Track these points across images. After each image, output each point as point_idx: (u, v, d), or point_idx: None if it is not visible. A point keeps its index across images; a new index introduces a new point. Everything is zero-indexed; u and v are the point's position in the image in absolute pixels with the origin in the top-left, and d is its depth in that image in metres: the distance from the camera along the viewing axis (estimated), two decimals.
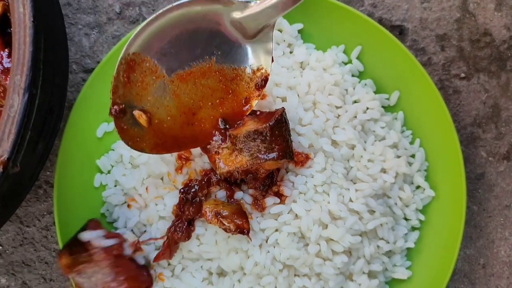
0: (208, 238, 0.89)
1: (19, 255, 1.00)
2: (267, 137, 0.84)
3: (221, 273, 0.92)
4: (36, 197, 1.00)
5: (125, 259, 0.88)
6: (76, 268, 0.85)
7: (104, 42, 1.03)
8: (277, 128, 0.84)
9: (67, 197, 0.94)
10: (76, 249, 0.87)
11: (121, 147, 0.96)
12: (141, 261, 0.90)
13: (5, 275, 1.00)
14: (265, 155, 0.84)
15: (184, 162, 0.91)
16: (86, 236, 0.87)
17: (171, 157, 0.92)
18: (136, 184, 0.93)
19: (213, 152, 0.86)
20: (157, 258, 0.89)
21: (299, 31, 0.99)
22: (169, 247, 0.88)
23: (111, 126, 0.97)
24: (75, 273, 0.86)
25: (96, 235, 0.87)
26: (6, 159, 0.64)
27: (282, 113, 0.86)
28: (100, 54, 1.02)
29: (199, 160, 0.91)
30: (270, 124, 0.83)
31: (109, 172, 0.97)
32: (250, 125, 0.85)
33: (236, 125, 0.86)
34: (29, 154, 0.71)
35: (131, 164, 0.95)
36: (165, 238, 0.89)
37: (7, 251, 1.00)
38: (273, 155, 0.84)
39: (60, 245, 0.92)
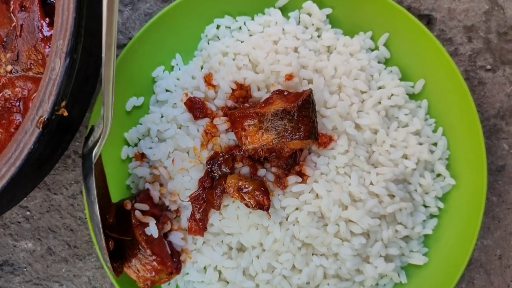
0: (230, 212, 0.91)
1: (45, 221, 1.03)
2: (294, 117, 0.85)
3: (241, 249, 0.94)
4: (64, 166, 1.04)
5: (161, 239, 0.90)
6: (113, 233, 0.88)
7: (137, 19, 1.05)
8: (304, 109, 0.86)
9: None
10: (119, 213, 0.89)
11: (148, 121, 0.98)
12: (179, 242, 0.92)
13: (31, 240, 1.03)
14: (291, 134, 0.85)
15: (210, 137, 0.93)
16: (136, 205, 0.89)
17: (197, 132, 0.94)
18: (162, 157, 0.95)
19: (240, 129, 0.88)
20: (191, 231, 0.91)
21: (328, 16, 1.00)
22: (201, 219, 0.90)
23: (140, 100, 1.00)
24: (112, 235, 0.88)
25: (141, 208, 0.89)
26: (46, 119, 0.66)
27: (309, 94, 0.87)
28: (132, 30, 1.05)
29: (224, 136, 0.93)
30: (298, 104, 0.85)
31: (136, 145, 1.00)
32: (278, 104, 0.86)
33: (264, 104, 0.88)
34: (63, 119, 0.73)
35: (158, 138, 0.98)
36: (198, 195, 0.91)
37: (34, 217, 1.03)
38: (299, 134, 0.85)
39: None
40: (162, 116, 0.99)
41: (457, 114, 0.97)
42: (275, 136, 0.86)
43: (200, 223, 0.90)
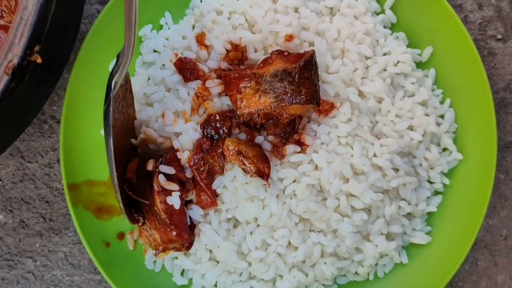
0: (226, 183, 0.83)
1: (18, 192, 0.94)
2: (295, 79, 0.78)
3: (234, 225, 0.87)
4: (40, 131, 0.95)
5: (182, 210, 0.82)
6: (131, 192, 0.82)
7: None
8: (307, 70, 0.79)
9: (74, 133, 0.89)
10: (141, 169, 0.82)
11: (134, 84, 0.90)
12: (197, 218, 0.85)
13: (2, 211, 0.94)
14: (291, 98, 0.78)
15: (201, 101, 0.86)
16: (160, 168, 0.81)
17: (187, 96, 0.87)
18: (151, 121, 0.87)
19: (235, 91, 0.81)
20: (204, 205, 0.84)
21: None
22: (208, 187, 0.83)
23: None
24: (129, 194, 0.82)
25: (166, 171, 0.81)
26: (16, 64, 0.58)
27: (312, 55, 0.80)
28: None
29: (217, 100, 0.86)
30: (300, 64, 0.78)
31: None
32: (278, 64, 0.79)
33: (262, 64, 0.81)
34: (36, 66, 0.64)
35: (146, 103, 0.89)
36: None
37: (6, 186, 0.94)
38: (300, 98, 0.78)
39: (64, 183, 0.86)
40: (149, 79, 0.91)
41: (466, 85, 0.91)
42: (274, 100, 0.79)
43: (210, 192, 0.83)
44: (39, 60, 0.61)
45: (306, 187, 0.83)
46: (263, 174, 0.81)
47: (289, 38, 0.86)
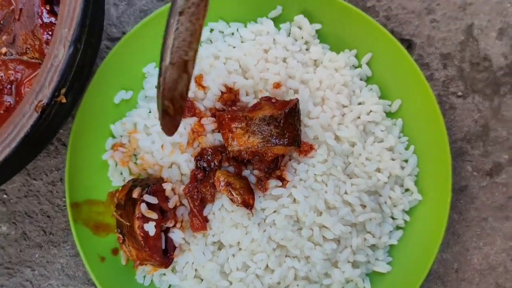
0: (215, 210, 0.94)
1: (22, 206, 1.03)
2: (281, 124, 0.90)
3: (218, 247, 0.97)
4: (46, 152, 1.04)
5: (158, 235, 0.92)
6: (118, 214, 0.91)
7: (132, 14, 1.07)
8: (291, 117, 0.91)
9: (79, 156, 0.99)
10: (129, 194, 0.91)
11: (136, 115, 1.00)
12: (178, 240, 0.94)
13: (6, 223, 1.03)
14: (276, 140, 0.90)
15: (196, 136, 0.97)
16: (144, 197, 0.91)
17: (184, 130, 0.97)
18: (150, 145, 0.97)
19: (227, 130, 0.92)
20: (195, 228, 0.93)
21: (317, 31, 1.05)
22: (199, 213, 0.93)
23: (129, 94, 1.02)
24: (117, 215, 0.93)
25: (149, 200, 0.91)
26: (45, 104, 0.68)
27: (296, 103, 0.92)
28: (126, 25, 1.07)
29: (210, 136, 0.97)
30: (285, 111, 0.90)
31: (121, 136, 1.02)
32: (266, 110, 0.91)
33: (252, 108, 0.92)
34: (59, 105, 0.75)
35: (146, 133, 1.00)
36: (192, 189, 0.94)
37: (11, 201, 1.03)
38: (283, 141, 0.90)
39: (67, 201, 0.95)
40: (150, 112, 1.01)
41: (428, 134, 1.03)
42: (261, 140, 0.90)
43: (201, 218, 0.93)
44: (63, 100, 0.71)
45: (284, 218, 0.94)
46: (248, 205, 0.92)
47: (277, 85, 0.98)
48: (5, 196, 1.03)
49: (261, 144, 0.90)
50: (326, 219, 0.94)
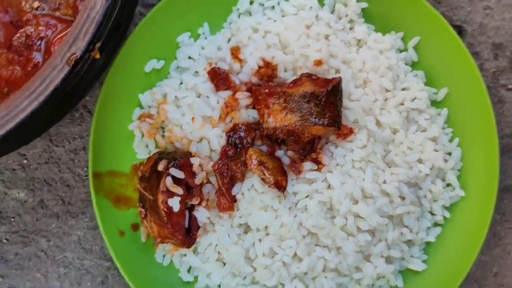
0: (244, 190, 0.88)
1: (42, 173, 0.99)
2: (322, 102, 0.84)
3: (244, 231, 0.92)
4: (71, 118, 0.99)
5: (182, 213, 0.87)
6: (142, 187, 0.86)
7: None
8: (333, 95, 0.85)
9: (105, 125, 0.94)
10: (155, 167, 0.86)
11: (167, 85, 0.95)
12: (202, 220, 0.89)
13: (24, 190, 0.98)
14: (316, 119, 0.84)
15: (229, 110, 0.91)
16: (170, 170, 0.86)
17: (217, 104, 0.92)
18: (179, 121, 0.92)
19: (264, 106, 0.86)
20: (221, 208, 0.88)
21: (363, 10, 0.99)
22: (228, 192, 0.87)
23: (160, 64, 0.97)
24: (140, 187, 0.88)
25: (176, 174, 0.85)
26: (78, 57, 0.63)
27: (339, 81, 0.86)
28: None
29: (244, 112, 0.91)
30: (328, 89, 0.84)
31: (150, 107, 0.96)
32: (307, 87, 0.85)
33: (292, 84, 0.87)
34: (91, 62, 0.70)
35: (176, 105, 0.95)
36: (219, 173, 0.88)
37: (31, 166, 0.99)
38: (323, 120, 0.84)
39: (90, 171, 0.91)
40: (181, 83, 0.96)
41: (475, 127, 0.96)
42: (299, 118, 0.85)
43: (229, 197, 0.87)
44: (97, 56, 0.66)
45: (317, 204, 0.88)
46: (280, 186, 0.86)
47: (318, 63, 0.92)
48: (25, 161, 0.99)
49: (299, 122, 0.84)
50: (362, 209, 0.88)
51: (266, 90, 0.87)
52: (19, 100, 0.62)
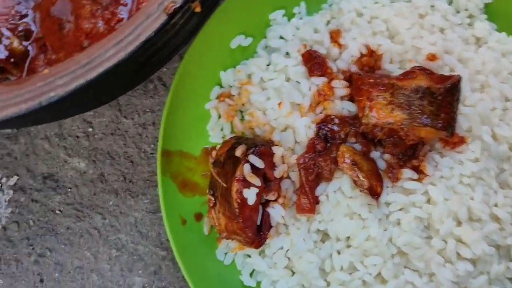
0: (329, 192, 0.77)
1: (106, 144, 0.91)
2: (437, 100, 0.71)
3: (321, 239, 0.80)
4: (144, 90, 0.91)
5: (256, 207, 0.76)
6: (216, 172, 0.77)
7: None
8: (451, 94, 0.72)
9: (180, 100, 0.85)
10: (231, 151, 0.77)
11: (253, 65, 0.85)
12: (276, 218, 0.78)
13: (85, 160, 0.91)
14: (427, 120, 0.71)
15: (322, 99, 0.80)
16: (249, 157, 0.76)
17: (308, 91, 0.81)
18: (263, 105, 0.82)
19: (365, 97, 0.75)
20: (300, 209, 0.77)
21: (486, 5, 0.87)
22: (311, 191, 0.76)
23: (247, 41, 0.88)
24: (214, 172, 0.78)
25: (255, 163, 0.75)
26: (178, 6, 0.53)
27: (459, 80, 0.73)
28: None
29: (338, 103, 0.80)
30: (447, 86, 0.71)
31: (231, 87, 0.87)
32: (422, 80, 0.72)
33: (402, 76, 0.74)
34: (189, 17, 0.60)
35: (261, 87, 0.85)
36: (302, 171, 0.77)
37: (95, 136, 0.91)
38: (436, 122, 0.71)
39: (159, 147, 0.82)
40: (269, 64, 0.86)
41: None
42: (407, 116, 0.72)
43: (311, 197, 0.76)
44: (198, 9, 0.56)
45: (413, 219, 0.75)
46: (375, 193, 0.74)
47: (432, 57, 0.80)
48: (90, 129, 0.91)
49: (406, 121, 0.72)
50: (466, 232, 0.74)
51: (371, 80, 0.75)
52: (104, 49, 0.53)
